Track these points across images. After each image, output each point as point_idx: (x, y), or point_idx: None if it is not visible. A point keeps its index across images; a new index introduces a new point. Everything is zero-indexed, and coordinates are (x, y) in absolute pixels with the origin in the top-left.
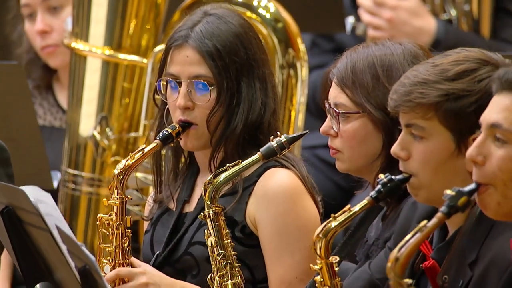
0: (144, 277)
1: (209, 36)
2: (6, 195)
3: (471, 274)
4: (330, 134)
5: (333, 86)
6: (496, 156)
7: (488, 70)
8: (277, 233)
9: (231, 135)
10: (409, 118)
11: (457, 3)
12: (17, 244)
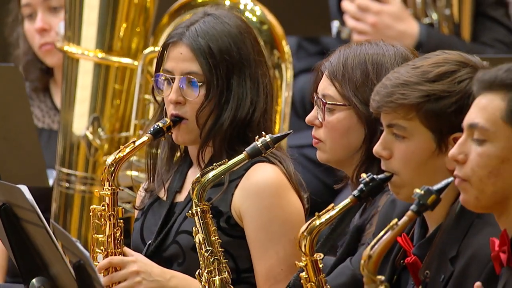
0: (135, 265)
1: (203, 35)
2: (4, 193)
3: (452, 269)
4: (315, 124)
5: (323, 78)
6: (475, 153)
7: (467, 71)
8: (262, 226)
9: (219, 130)
10: (391, 119)
11: (438, 8)
12: (14, 240)
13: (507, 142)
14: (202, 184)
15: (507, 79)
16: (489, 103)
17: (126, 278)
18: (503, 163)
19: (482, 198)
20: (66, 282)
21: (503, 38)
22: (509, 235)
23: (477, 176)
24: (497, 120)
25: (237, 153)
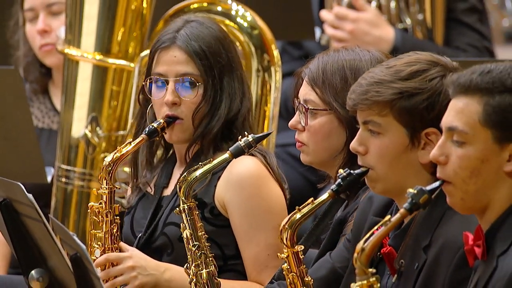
0: (131, 260)
1: (194, 38)
2: (4, 189)
3: (425, 257)
4: (297, 128)
5: (304, 84)
6: (456, 156)
7: (437, 70)
8: (245, 215)
9: (211, 129)
10: (366, 115)
11: (411, 13)
12: (14, 233)
13: (485, 143)
14: (188, 182)
15: (482, 83)
16: (466, 107)
17: (123, 273)
18: (482, 163)
19: (466, 199)
20: (63, 274)
21: (476, 43)
22: (484, 230)
23: (459, 177)
24: (475, 123)
25: (222, 149)
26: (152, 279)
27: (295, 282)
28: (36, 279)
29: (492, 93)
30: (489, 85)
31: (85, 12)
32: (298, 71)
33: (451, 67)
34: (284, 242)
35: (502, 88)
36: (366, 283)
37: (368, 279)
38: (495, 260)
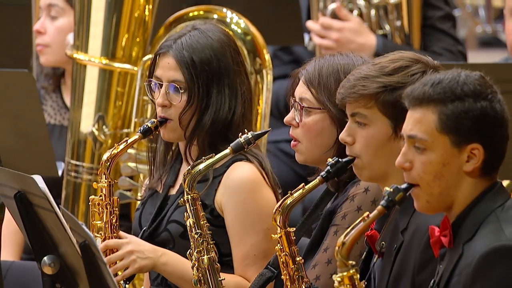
0: (129, 245)
1: (187, 48)
2: (19, 182)
3: (402, 239)
4: (292, 124)
5: (300, 84)
6: (419, 161)
7: (419, 67)
8: (238, 217)
9: (201, 131)
10: (353, 108)
11: (390, 20)
12: (27, 223)
13: (444, 148)
14: (192, 175)
15: (434, 94)
16: (422, 117)
17: (123, 258)
18: (444, 166)
19: (432, 201)
20: (73, 260)
21: (451, 47)
22: (450, 221)
23: (424, 181)
24: (432, 131)
25: (220, 150)
26: (150, 262)
27: (287, 261)
28: (48, 264)
29: (445, 102)
30: (441, 96)
31: (92, 20)
32: (295, 71)
33: (432, 64)
34: (278, 224)
35: (453, 96)
36: (347, 274)
37: (348, 271)
38: (461, 247)
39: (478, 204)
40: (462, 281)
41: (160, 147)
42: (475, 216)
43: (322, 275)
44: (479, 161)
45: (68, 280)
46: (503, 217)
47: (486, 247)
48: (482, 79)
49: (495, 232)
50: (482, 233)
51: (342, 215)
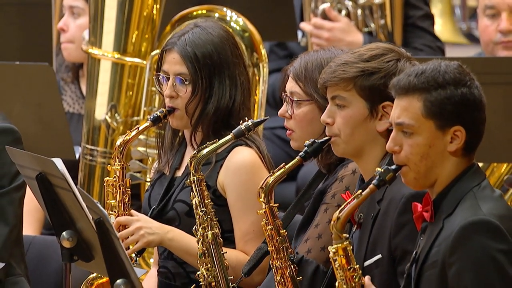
0: (138, 222)
1: (190, 44)
2: (40, 164)
3: (379, 208)
4: (285, 116)
5: (289, 80)
6: (407, 144)
7: (393, 55)
8: (239, 197)
9: (205, 118)
10: (334, 91)
11: (375, 19)
12: (48, 201)
13: (430, 131)
14: (198, 158)
15: (419, 83)
16: (409, 105)
17: (133, 233)
18: (430, 148)
19: (419, 178)
20: (89, 235)
21: (430, 43)
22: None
23: (412, 162)
24: (418, 117)
25: (222, 136)
26: (157, 238)
27: (272, 234)
28: (67, 239)
29: (429, 91)
30: (425, 85)
31: (105, 18)
32: (284, 68)
33: (404, 54)
34: (262, 200)
35: (436, 85)
36: (341, 246)
37: (342, 243)
38: (442, 221)
39: (458, 182)
40: (441, 251)
41: (168, 134)
42: (455, 193)
43: (313, 248)
44: (461, 141)
45: (84, 253)
46: (480, 195)
47: (464, 221)
48: (460, 67)
49: (472, 208)
50: (461, 209)
51: (332, 195)
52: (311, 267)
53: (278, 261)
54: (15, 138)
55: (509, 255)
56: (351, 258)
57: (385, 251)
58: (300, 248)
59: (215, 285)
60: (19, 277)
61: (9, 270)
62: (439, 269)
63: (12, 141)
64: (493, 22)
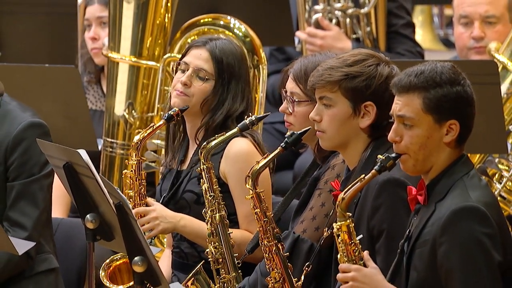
0: (154, 212)
1: (220, 48)
2: (67, 155)
3: (360, 194)
4: (286, 112)
5: (290, 80)
6: (407, 135)
7: (374, 60)
8: (239, 182)
9: (214, 121)
10: (321, 92)
11: (361, 26)
12: (74, 188)
13: (428, 124)
14: (207, 149)
15: (419, 82)
16: (410, 101)
17: (149, 222)
18: (428, 139)
19: (417, 165)
20: (110, 217)
21: (411, 49)
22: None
23: (411, 150)
24: (418, 111)
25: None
26: (171, 225)
27: (260, 216)
28: (90, 221)
29: (428, 89)
30: (424, 84)
31: (123, 26)
32: (285, 68)
33: (383, 58)
34: (249, 187)
35: (434, 84)
36: (345, 223)
37: (346, 220)
38: (434, 205)
39: (450, 170)
40: (433, 231)
41: (172, 132)
42: (447, 180)
43: (308, 229)
44: (455, 134)
45: (106, 233)
46: (469, 183)
47: (455, 206)
48: (454, 68)
49: (462, 195)
50: (452, 194)
51: (325, 181)
52: (306, 245)
53: (265, 240)
54: (44, 131)
55: (493, 238)
56: (353, 234)
57: (365, 231)
58: (296, 228)
59: (222, 261)
60: (48, 254)
61: (40, 248)
62: (429, 247)
63: (42, 134)
64: (467, 30)
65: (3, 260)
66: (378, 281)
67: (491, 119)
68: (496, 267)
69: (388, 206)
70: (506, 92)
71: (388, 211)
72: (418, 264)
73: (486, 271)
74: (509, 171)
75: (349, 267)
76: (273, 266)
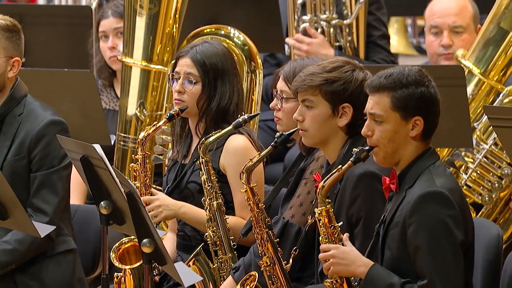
0: (157, 201)
1: (200, 53)
2: (83, 149)
3: (339, 186)
4: (276, 108)
5: (280, 80)
6: (378, 130)
7: (350, 66)
8: (236, 174)
9: (209, 112)
10: (304, 95)
11: (343, 36)
12: (89, 177)
13: (396, 121)
14: (205, 144)
15: (388, 83)
16: (380, 100)
17: (152, 210)
18: (395, 133)
19: (387, 156)
20: (121, 204)
21: (386, 58)
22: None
23: (381, 144)
24: (387, 109)
25: (222, 127)
26: (172, 213)
27: (253, 207)
28: (104, 207)
29: (395, 89)
30: (392, 85)
31: (136, 35)
32: (276, 71)
33: (358, 65)
34: (243, 181)
35: (401, 85)
36: (325, 208)
37: (326, 206)
38: (404, 191)
39: (418, 161)
40: (403, 214)
41: (177, 129)
42: (415, 170)
43: (296, 214)
44: (420, 129)
45: (118, 218)
46: (435, 172)
47: (422, 191)
48: (420, 71)
49: (429, 181)
50: (419, 182)
51: (310, 171)
52: (294, 229)
53: (257, 228)
54: (63, 128)
55: (455, 219)
56: (332, 218)
57: (344, 219)
58: (285, 214)
59: (219, 244)
60: (67, 236)
61: (59, 231)
62: (400, 228)
63: (61, 131)
64: (437, 39)
65: (27, 242)
66: (355, 257)
67: (458, 117)
68: (458, 244)
69: (364, 196)
70: (471, 93)
71: (365, 201)
72: (391, 244)
73: (449, 248)
74: (474, 163)
75: (329, 246)
76: (265, 251)
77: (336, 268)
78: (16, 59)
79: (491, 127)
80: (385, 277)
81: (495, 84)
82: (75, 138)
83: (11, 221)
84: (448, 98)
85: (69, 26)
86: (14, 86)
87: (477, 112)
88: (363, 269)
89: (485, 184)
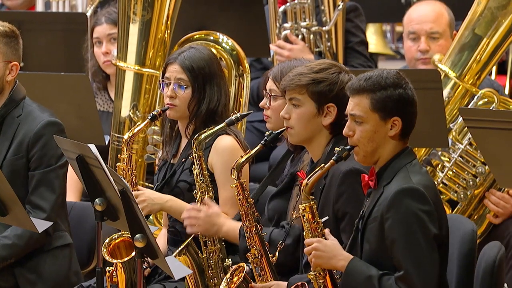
0: (143, 196)
1: (188, 58)
2: (79, 149)
3: (324, 182)
4: (265, 107)
5: (269, 80)
6: (358, 130)
7: (336, 69)
8: (222, 172)
9: (199, 115)
10: (291, 94)
11: (323, 42)
12: (85, 176)
13: (375, 121)
14: (199, 140)
15: (367, 86)
16: (360, 101)
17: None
18: (375, 133)
19: (367, 155)
20: (115, 201)
21: (364, 63)
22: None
23: (361, 143)
24: (367, 110)
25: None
26: (157, 206)
27: (242, 202)
28: (99, 204)
29: (374, 91)
30: (371, 87)
31: (129, 41)
32: (267, 72)
33: (343, 68)
34: (234, 177)
35: (379, 87)
36: (308, 205)
37: (309, 202)
38: (382, 188)
39: (395, 160)
40: (381, 209)
41: (167, 129)
42: (393, 168)
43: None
44: (398, 129)
45: (112, 214)
46: (411, 170)
47: (398, 187)
48: (398, 74)
49: (405, 178)
50: (396, 179)
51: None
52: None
53: (246, 222)
54: (60, 129)
55: (430, 214)
56: (316, 214)
57: (330, 214)
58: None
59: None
60: (64, 232)
61: (56, 227)
62: (378, 223)
63: (58, 131)
64: (415, 44)
65: (26, 237)
66: (336, 250)
67: (435, 119)
68: (432, 238)
69: (350, 192)
70: (447, 96)
71: (351, 196)
72: (370, 238)
73: (424, 241)
74: (450, 162)
75: (312, 240)
76: (252, 244)
77: (317, 261)
78: (14, 63)
79: (466, 128)
80: (364, 270)
81: (470, 87)
82: (71, 138)
83: (11, 217)
84: (425, 101)
85: (65, 32)
86: (13, 89)
87: (453, 113)
88: (343, 263)
89: (460, 182)
